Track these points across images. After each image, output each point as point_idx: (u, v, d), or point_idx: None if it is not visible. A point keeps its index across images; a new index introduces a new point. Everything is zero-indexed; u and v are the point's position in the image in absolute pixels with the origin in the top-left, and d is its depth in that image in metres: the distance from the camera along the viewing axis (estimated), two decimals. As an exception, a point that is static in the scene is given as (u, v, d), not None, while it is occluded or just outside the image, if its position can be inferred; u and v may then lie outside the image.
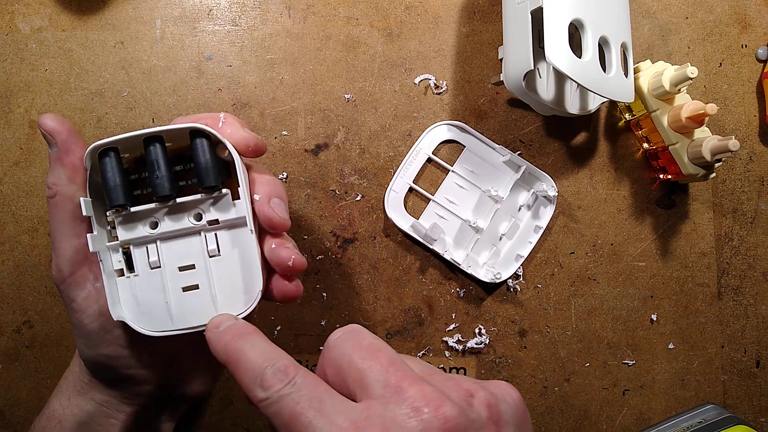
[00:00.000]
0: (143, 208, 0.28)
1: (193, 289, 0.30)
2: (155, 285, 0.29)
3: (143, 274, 0.29)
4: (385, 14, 0.44)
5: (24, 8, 0.42)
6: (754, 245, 0.45)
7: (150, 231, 0.29)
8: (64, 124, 0.28)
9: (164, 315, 0.29)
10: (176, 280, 0.30)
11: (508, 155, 0.42)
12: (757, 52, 0.45)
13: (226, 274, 0.30)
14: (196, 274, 0.30)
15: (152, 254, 0.29)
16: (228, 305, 0.30)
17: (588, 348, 0.44)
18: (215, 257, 0.30)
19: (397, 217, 0.42)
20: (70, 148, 0.28)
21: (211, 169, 0.28)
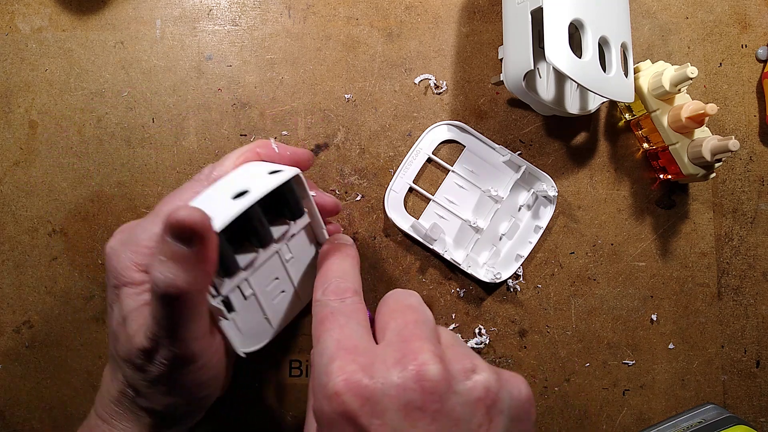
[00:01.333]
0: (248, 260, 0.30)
1: (280, 294, 0.33)
2: (252, 309, 0.32)
3: (240, 309, 0.31)
4: (385, 14, 0.44)
5: (24, 8, 0.42)
6: (754, 245, 0.45)
7: (245, 272, 0.30)
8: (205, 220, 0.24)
9: (265, 327, 0.33)
10: (266, 297, 0.32)
11: (508, 155, 0.42)
12: (757, 52, 0.45)
13: (298, 269, 0.34)
14: (280, 283, 0.33)
15: (246, 289, 0.31)
16: (307, 292, 0.34)
17: (588, 348, 0.44)
18: (291, 260, 0.33)
19: (397, 217, 0.42)
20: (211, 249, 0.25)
21: (300, 203, 0.32)
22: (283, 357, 0.42)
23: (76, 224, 0.42)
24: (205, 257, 0.25)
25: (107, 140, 0.42)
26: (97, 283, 0.42)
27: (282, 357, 0.42)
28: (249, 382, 0.42)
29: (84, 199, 0.42)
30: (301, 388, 0.42)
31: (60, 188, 0.42)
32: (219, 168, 0.31)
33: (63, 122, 0.42)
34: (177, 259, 0.24)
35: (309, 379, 0.26)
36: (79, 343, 0.42)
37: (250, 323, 0.32)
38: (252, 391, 0.42)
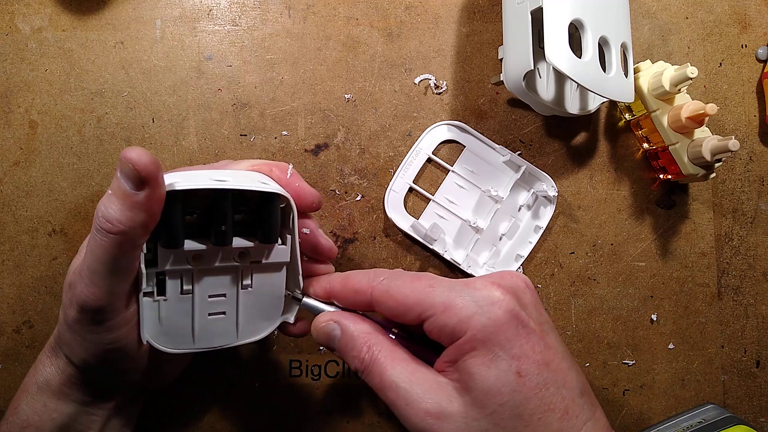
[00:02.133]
0: (195, 248, 0.29)
1: (219, 314, 0.31)
2: (183, 309, 0.30)
3: (172, 299, 0.30)
4: (385, 14, 0.44)
5: (24, 8, 0.42)
6: (754, 245, 0.45)
7: (191, 263, 0.29)
8: (158, 165, 0.25)
9: (187, 336, 0.30)
10: (204, 306, 0.30)
11: (508, 155, 0.42)
12: (757, 52, 0.45)
13: (252, 304, 0.31)
14: (224, 302, 0.31)
15: (186, 283, 0.30)
16: (249, 331, 0.32)
17: (588, 348, 0.44)
18: (247, 290, 0.31)
19: (397, 217, 0.42)
20: (159, 194, 0.26)
21: (277, 230, 0.30)
22: (283, 357, 0.42)
23: (76, 224, 0.42)
24: (145, 205, 0.25)
25: (107, 140, 0.42)
26: (97, 283, 0.42)
27: (282, 357, 0.42)
28: (249, 382, 0.42)
29: (84, 199, 0.42)
30: (301, 388, 0.42)
31: (60, 188, 0.42)
32: (233, 165, 0.32)
33: (63, 122, 0.42)
34: (119, 197, 0.25)
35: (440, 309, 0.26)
36: (79, 343, 0.42)
37: (174, 322, 0.30)
38: (252, 391, 0.42)
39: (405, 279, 0.28)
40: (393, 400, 0.26)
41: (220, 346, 0.31)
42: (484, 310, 0.25)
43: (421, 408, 0.25)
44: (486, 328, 0.25)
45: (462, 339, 0.25)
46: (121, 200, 0.25)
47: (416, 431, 0.25)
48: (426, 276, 0.28)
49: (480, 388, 0.25)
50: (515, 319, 0.25)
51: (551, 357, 0.26)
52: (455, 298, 0.26)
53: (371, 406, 0.42)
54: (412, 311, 0.27)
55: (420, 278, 0.28)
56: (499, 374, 0.25)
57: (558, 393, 0.25)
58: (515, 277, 0.27)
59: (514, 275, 0.28)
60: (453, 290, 0.26)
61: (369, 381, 0.27)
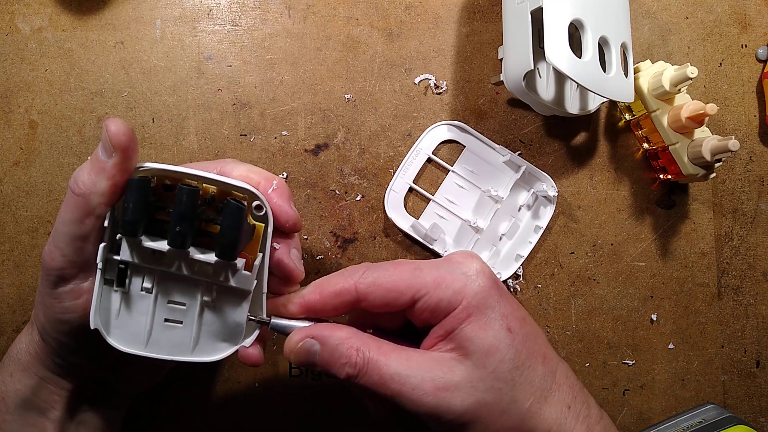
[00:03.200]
0: (153, 246, 0.27)
1: (176, 323, 0.30)
2: (140, 307, 0.29)
3: (132, 294, 0.29)
4: (385, 14, 0.44)
5: (24, 8, 0.42)
6: (754, 245, 0.45)
7: (153, 262, 0.28)
8: (131, 138, 0.26)
9: (140, 336, 0.29)
10: (162, 310, 0.29)
11: (508, 155, 0.42)
12: (757, 52, 0.45)
13: (212, 322, 0.30)
14: (183, 311, 0.30)
15: (147, 282, 0.29)
16: (204, 349, 0.30)
17: (588, 348, 0.44)
18: (209, 306, 0.30)
19: (397, 217, 0.42)
20: (126, 166, 0.26)
21: (235, 246, 0.27)
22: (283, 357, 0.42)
23: (76, 224, 0.42)
24: (112, 176, 0.26)
25: (107, 140, 0.42)
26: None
27: (282, 357, 0.42)
28: (249, 382, 0.42)
29: (84, 199, 0.42)
30: (301, 388, 0.42)
31: (60, 188, 0.42)
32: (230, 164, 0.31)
33: (63, 122, 0.42)
34: (91, 161, 0.26)
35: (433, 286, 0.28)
36: (79, 343, 0.42)
37: (128, 318, 0.29)
38: (252, 391, 0.42)
39: (387, 267, 0.29)
40: (398, 390, 0.27)
41: (171, 357, 0.30)
42: (473, 279, 0.28)
43: (428, 387, 0.27)
44: (478, 295, 0.28)
45: (458, 308, 0.28)
46: (91, 164, 0.26)
47: (429, 410, 0.27)
48: (405, 261, 0.30)
49: (480, 350, 0.27)
50: (496, 284, 0.29)
51: (524, 313, 0.30)
52: (444, 274, 0.28)
53: (371, 406, 0.42)
54: (405, 295, 0.28)
55: (401, 264, 0.29)
56: (494, 334, 0.28)
57: (536, 342, 0.29)
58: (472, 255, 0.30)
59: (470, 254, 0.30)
60: (439, 268, 0.29)
61: (367, 381, 0.27)
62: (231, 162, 0.32)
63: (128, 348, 0.29)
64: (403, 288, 0.28)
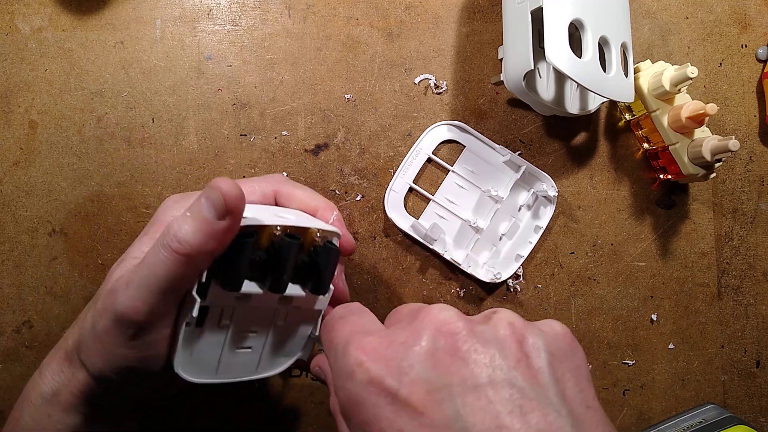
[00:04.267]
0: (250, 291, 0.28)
1: (246, 349, 0.31)
2: (215, 341, 0.30)
3: (208, 331, 0.29)
4: (385, 14, 0.44)
5: (24, 8, 0.42)
6: (754, 245, 0.45)
7: (238, 301, 0.29)
8: (242, 198, 0.25)
9: (211, 366, 0.30)
10: (236, 340, 0.30)
11: (508, 155, 0.42)
12: (757, 52, 0.45)
13: (278, 342, 0.31)
14: (254, 338, 0.31)
15: (225, 318, 0.29)
16: (268, 365, 0.32)
17: (588, 348, 0.44)
18: (277, 326, 0.31)
19: (397, 217, 0.42)
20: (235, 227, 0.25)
21: (329, 283, 0.30)
22: (283, 357, 0.42)
23: (76, 224, 0.42)
24: (220, 235, 0.25)
25: (107, 140, 0.42)
26: (97, 283, 0.42)
27: (282, 357, 0.42)
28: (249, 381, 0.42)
29: (84, 199, 0.42)
30: (301, 388, 0.42)
31: (60, 188, 0.42)
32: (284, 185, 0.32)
33: (63, 122, 0.42)
34: (198, 221, 0.25)
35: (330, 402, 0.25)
36: (79, 343, 0.42)
37: (203, 353, 0.29)
38: (252, 391, 0.42)
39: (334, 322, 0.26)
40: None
41: (239, 379, 0.31)
42: (341, 383, 0.22)
43: None
44: (344, 404, 0.22)
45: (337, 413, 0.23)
46: (200, 224, 0.25)
47: None
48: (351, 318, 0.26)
49: None
50: (380, 392, 0.20)
51: None
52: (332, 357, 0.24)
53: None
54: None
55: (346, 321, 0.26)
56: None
57: None
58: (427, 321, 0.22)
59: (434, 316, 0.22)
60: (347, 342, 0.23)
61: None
62: (285, 183, 0.33)
63: (200, 379, 0.29)
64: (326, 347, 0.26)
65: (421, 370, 0.20)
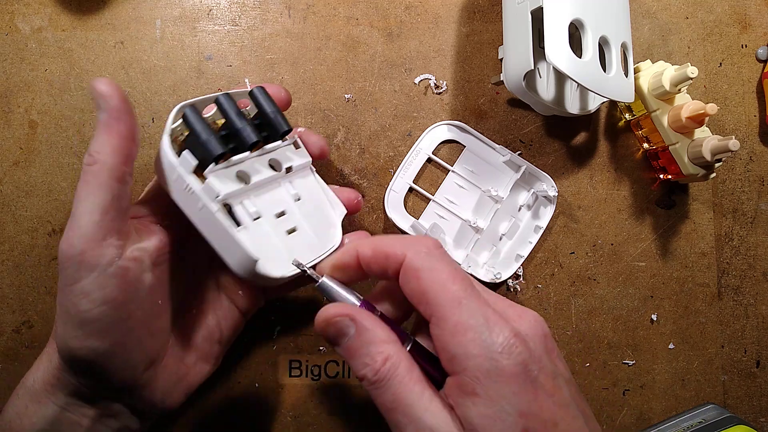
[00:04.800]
0: (240, 158, 0.30)
1: (293, 232, 0.32)
2: (263, 233, 0.30)
3: (250, 226, 0.30)
4: (385, 14, 0.44)
5: (24, 8, 0.42)
6: (754, 245, 0.45)
7: (244, 185, 0.30)
8: (117, 90, 0.27)
9: (283, 257, 0.30)
10: (277, 225, 0.31)
11: (508, 155, 0.42)
12: (757, 52, 0.45)
13: (311, 212, 0.33)
14: (290, 219, 0.32)
15: (250, 206, 0.30)
16: (326, 238, 0.33)
17: (588, 348, 0.44)
18: (299, 201, 0.33)
19: (397, 217, 0.42)
20: (121, 116, 0.27)
21: (281, 116, 0.31)
22: (283, 357, 0.42)
23: (76, 224, 0.42)
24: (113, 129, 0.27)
25: (107, 140, 0.42)
26: (97, 283, 0.42)
27: (282, 357, 0.42)
28: (249, 382, 0.42)
29: (84, 199, 0.42)
30: (301, 388, 0.42)
31: (60, 188, 0.42)
32: None
33: (63, 122, 0.42)
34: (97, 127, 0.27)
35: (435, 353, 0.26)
36: (79, 343, 0.42)
37: (264, 248, 0.30)
38: (252, 391, 0.42)
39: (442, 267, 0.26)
40: (402, 424, 0.24)
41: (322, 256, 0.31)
42: (491, 355, 0.24)
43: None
44: (490, 376, 0.23)
45: (463, 376, 0.24)
46: (97, 130, 0.27)
47: None
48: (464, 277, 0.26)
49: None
50: (524, 373, 0.24)
51: (561, 415, 0.24)
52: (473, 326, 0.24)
53: (371, 407, 0.42)
54: (428, 309, 0.25)
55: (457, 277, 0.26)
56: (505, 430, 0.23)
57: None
58: (535, 324, 0.26)
59: (534, 320, 0.26)
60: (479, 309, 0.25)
61: (378, 394, 0.25)
62: None
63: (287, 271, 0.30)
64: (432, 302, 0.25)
65: (545, 361, 0.25)
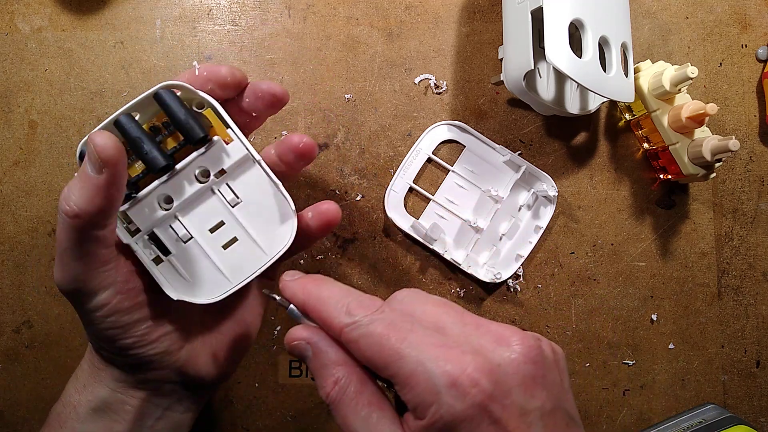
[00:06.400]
0: (149, 189, 0.28)
1: (233, 243, 0.30)
2: (195, 255, 0.29)
3: (178, 251, 0.29)
4: (385, 14, 0.44)
5: (24, 8, 0.42)
6: (754, 245, 0.45)
7: (166, 208, 0.28)
8: (118, 151, 0.25)
9: (218, 278, 0.29)
10: (212, 241, 0.29)
11: (508, 155, 0.42)
12: (757, 52, 0.45)
13: (255, 214, 0.30)
14: (228, 228, 0.30)
15: (179, 229, 0.29)
16: (270, 243, 0.30)
17: (588, 348, 0.44)
18: (238, 205, 0.30)
19: (397, 217, 0.42)
20: (116, 179, 0.25)
21: (193, 121, 0.28)
22: (283, 357, 0.42)
23: (76, 224, 0.42)
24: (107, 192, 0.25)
25: (107, 140, 0.42)
26: (97, 283, 0.42)
27: (282, 357, 0.42)
28: (249, 382, 0.42)
29: (84, 199, 0.42)
30: (301, 388, 0.42)
31: (60, 188, 0.42)
32: None
33: (63, 122, 0.42)
34: (81, 179, 0.25)
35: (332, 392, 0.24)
36: (79, 343, 0.42)
37: (196, 271, 0.29)
38: (252, 391, 0.42)
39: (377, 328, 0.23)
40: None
41: (259, 270, 0.29)
42: (444, 398, 0.21)
43: None
44: (443, 419, 0.21)
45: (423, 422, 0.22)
46: (83, 182, 0.25)
47: None
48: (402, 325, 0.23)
49: None
50: (480, 415, 0.21)
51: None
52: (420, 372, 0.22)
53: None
54: (382, 372, 0.23)
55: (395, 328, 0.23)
56: None
57: None
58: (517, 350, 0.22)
59: (519, 345, 0.23)
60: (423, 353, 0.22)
61: (334, 415, 0.25)
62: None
63: (218, 295, 0.29)
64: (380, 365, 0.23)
65: (516, 394, 0.21)
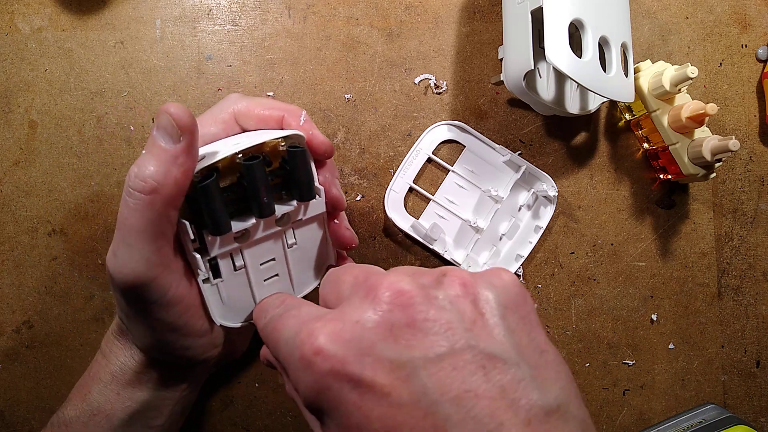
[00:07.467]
0: (243, 227, 0.28)
1: (273, 278, 0.32)
2: (240, 283, 0.31)
3: (228, 278, 0.30)
4: (385, 14, 0.44)
5: (24, 8, 0.42)
6: (754, 245, 0.45)
7: (239, 240, 0.29)
8: (193, 119, 0.24)
9: (249, 306, 0.31)
10: (258, 274, 0.31)
11: (508, 155, 0.42)
12: (757, 52, 0.45)
13: (300, 258, 0.33)
14: (275, 265, 0.32)
15: (238, 260, 0.30)
16: (301, 284, 0.33)
17: (588, 348, 0.44)
18: (293, 247, 0.32)
19: (397, 217, 0.42)
20: (192, 149, 0.25)
21: (312, 184, 0.30)
22: (283, 357, 0.42)
23: (76, 224, 0.42)
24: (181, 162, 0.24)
25: (107, 140, 0.42)
26: (97, 283, 0.42)
27: (282, 357, 0.42)
28: (249, 381, 0.42)
29: (84, 199, 0.42)
30: (301, 388, 0.42)
31: (60, 188, 0.42)
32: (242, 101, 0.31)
33: (63, 122, 0.42)
34: (155, 153, 0.24)
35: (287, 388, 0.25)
36: (79, 343, 0.42)
37: (235, 297, 0.30)
38: (252, 391, 0.42)
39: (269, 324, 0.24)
40: None
41: None
42: (299, 374, 0.20)
43: None
44: (306, 397, 0.20)
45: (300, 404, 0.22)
46: (158, 154, 0.24)
47: None
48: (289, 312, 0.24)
49: None
50: (339, 380, 0.19)
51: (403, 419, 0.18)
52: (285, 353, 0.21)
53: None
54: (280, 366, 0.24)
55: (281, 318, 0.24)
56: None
57: None
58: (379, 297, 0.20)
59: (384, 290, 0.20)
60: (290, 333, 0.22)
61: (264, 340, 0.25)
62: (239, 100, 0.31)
63: (246, 321, 0.31)
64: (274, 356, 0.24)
65: (382, 348, 0.19)
